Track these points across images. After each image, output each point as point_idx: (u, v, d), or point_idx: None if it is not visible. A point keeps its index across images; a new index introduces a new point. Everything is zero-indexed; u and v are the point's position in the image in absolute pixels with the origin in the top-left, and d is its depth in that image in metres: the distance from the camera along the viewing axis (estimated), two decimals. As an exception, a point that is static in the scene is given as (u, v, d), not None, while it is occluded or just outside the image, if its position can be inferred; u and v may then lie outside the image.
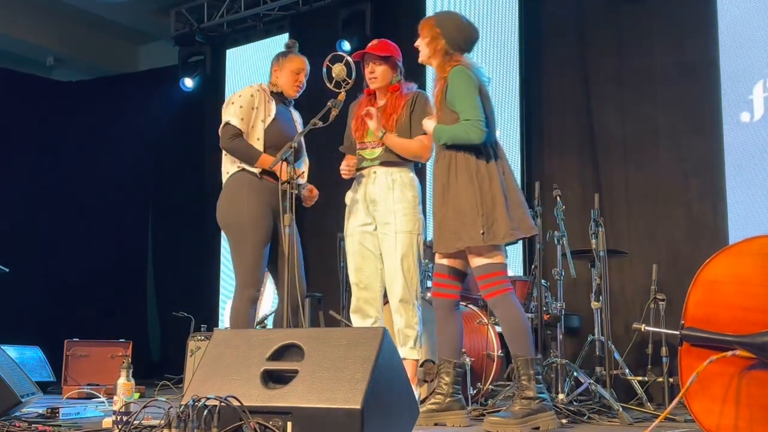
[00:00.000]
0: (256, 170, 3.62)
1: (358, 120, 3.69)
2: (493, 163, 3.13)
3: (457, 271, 3.27)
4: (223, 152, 3.73)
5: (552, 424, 2.99)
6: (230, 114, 3.63)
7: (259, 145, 3.63)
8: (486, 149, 3.13)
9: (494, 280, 3.10)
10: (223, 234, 7.50)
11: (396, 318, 3.60)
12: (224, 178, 3.75)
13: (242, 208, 3.62)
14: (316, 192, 3.82)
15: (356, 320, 3.70)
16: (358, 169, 3.68)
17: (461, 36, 3.22)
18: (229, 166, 3.73)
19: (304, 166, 3.87)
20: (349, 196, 3.74)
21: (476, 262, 3.13)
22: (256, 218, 3.60)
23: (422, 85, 4.69)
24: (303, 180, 3.83)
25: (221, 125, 3.66)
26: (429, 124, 3.28)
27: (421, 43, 3.29)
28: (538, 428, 3.00)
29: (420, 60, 3.34)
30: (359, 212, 3.68)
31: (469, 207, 3.08)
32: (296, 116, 3.92)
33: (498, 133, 5.71)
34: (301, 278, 3.65)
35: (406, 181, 3.58)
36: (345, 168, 3.63)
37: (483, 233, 3.03)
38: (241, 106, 3.64)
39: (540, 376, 3.06)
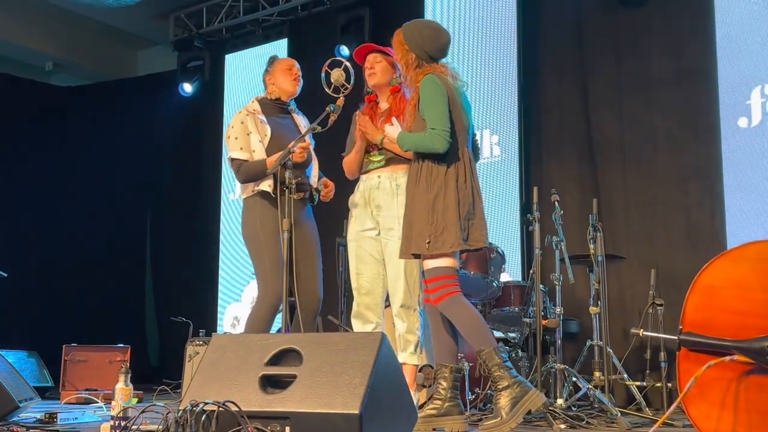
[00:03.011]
0: (268, 188, 3.64)
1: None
2: (454, 171, 3.14)
3: None
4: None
5: (539, 400, 2.99)
6: (230, 148, 3.74)
7: None
8: (448, 157, 3.15)
9: (442, 283, 3.12)
10: (222, 239, 7.55)
11: (397, 323, 3.60)
12: (241, 198, 3.87)
13: (257, 224, 3.70)
14: (331, 184, 3.86)
15: (357, 325, 3.70)
16: (363, 173, 3.69)
17: (428, 45, 3.25)
18: (243, 191, 3.81)
19: (314, 171, 3.88)
20: (352, 200, 3.75)
21: (425, 265, 3.17)
22: (271, 232, 3.64)
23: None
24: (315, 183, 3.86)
25: (228, 160, 3.79)
26: (392, 130, 3.32)
27: (395, 59, 3.36)
28: (530, 411, 3.01)
29: (401, 73, 3.39)
30: (363, 217, 3.68)
31: (421, 215, 3.12)
32: (301, 121, 3.91)
33: (494, 139, 5.77)
34: (316, 286, 3.73)
35: None
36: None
37: (428, 242, 3.08)
38: (236, 138, 3.72)
39: (508, 362, 3.05)
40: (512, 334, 4.67)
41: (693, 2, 5.24)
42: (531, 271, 4.20)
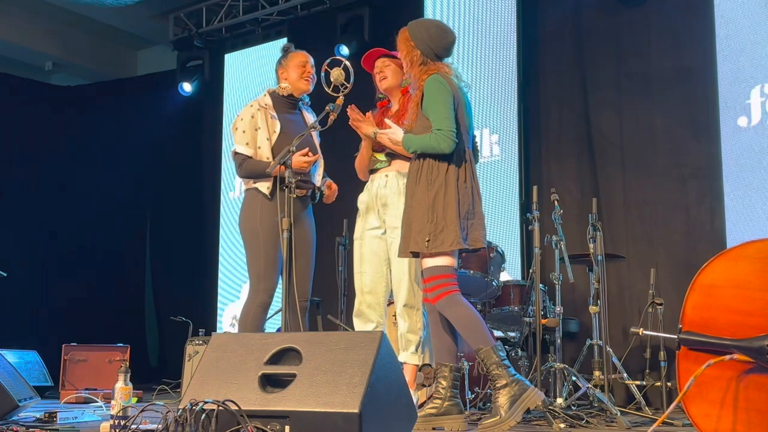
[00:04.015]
0: (266, 190, 3.64)
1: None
2: (454, 170, 3.14)
3: None
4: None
5: (538, 398, 2.99)
6: (236, 141, 3.72)
7: None
8: (449, 156, 3.15)
9: (440, 282, 3.12)
10: (221, 238, 7.54)
11: (400, 322, 3.61)
12: (243, 189, 3.85)
13: (256, 217, 3.68)
14: (335, 187, 3.85)
15: (358, 324, 3.71)
16: (372, 173, 3.70)
17: (434, 43, 3.25)
18: (245, 183, 3.80)
19: (319, 170, 3.87)
20: (361, 199, 3.76)
21: (424, 264, 3.17)
22: (270, 230, 3.63)
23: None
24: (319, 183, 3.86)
25: (232, 153, 3.76)
26: (397, 132, 3.31)
27: (400, 56, 3.34)
28: (528, 410, 3.01)
29: (405, 71, 3.38)
30: (370, 216, 3.70)
31: (421, 213, 3.12)
32: (310, 117, 3.89)
33: (493, 138, 5.77)
34: (306, 285, 3.71)
35: None
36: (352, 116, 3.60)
37: (428, 240, 3.08)
38: (244, 131, 3.69)
39: (506, 360, 3.05)
40: (512, 334, 4.67)
41: (693, 2, 5.24)
42: (531, 271, 4.20)
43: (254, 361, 2.41)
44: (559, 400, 3.73)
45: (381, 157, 3.67)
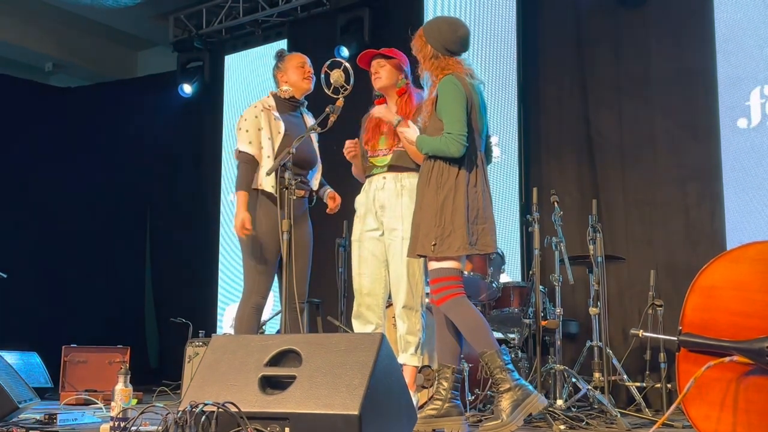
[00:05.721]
0: (271, 189, 3.65)
1: (369, 132, 3.71)
2: (465, 174, 3.13)
3: None
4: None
5: (540, 404, 2.99)
6: (240, 141, 3.74)
7: (269, 163, 3.66)
8: (461, 159, 3.14)
9: (445, 284, 3.12)
10: (222, 240, 7.54)
11: (399, 324, 3.61)
12: None
13: (253, 218, 3.67)
14: (339, 199, 3.86)
15: (357, 326, 3.71)
16: (368, 176, 3.70)
17: (445, 38, 3.24)
18: None
19: (317, 174, 3.87)
20: (358, 201, 3.76)
21: (430, 266, 3.17)
22: (266, 231, 3.64)
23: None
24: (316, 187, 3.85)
25: (235, 152, 3.78)
26: (411, 133, 3.31)
27: (414, 53, 3.35)
28: (530, 414, 3.01)
29: (420, 67, 3.38)
30: (367, 218, 3.70)
31: (429, 216, 3.12)
32: (309, 120, 3.91)
33: (493, 140, 5.77)
34: (303, 288, 3.70)
35: (415, 188, 3.57)
36: (349, 146, 3.63)
37: (434, 245, 3.08)
38: (247, 131, 3.71)
39: (510, 365, 3.05)
40: (512, 335, 4.66)
41: (693, 3, 5.24)
42: (530, 272, 4.20)
43: (254, 362, 2.41)
44: (559, 402, 3.72)
45: (380, 162, 3.67)
